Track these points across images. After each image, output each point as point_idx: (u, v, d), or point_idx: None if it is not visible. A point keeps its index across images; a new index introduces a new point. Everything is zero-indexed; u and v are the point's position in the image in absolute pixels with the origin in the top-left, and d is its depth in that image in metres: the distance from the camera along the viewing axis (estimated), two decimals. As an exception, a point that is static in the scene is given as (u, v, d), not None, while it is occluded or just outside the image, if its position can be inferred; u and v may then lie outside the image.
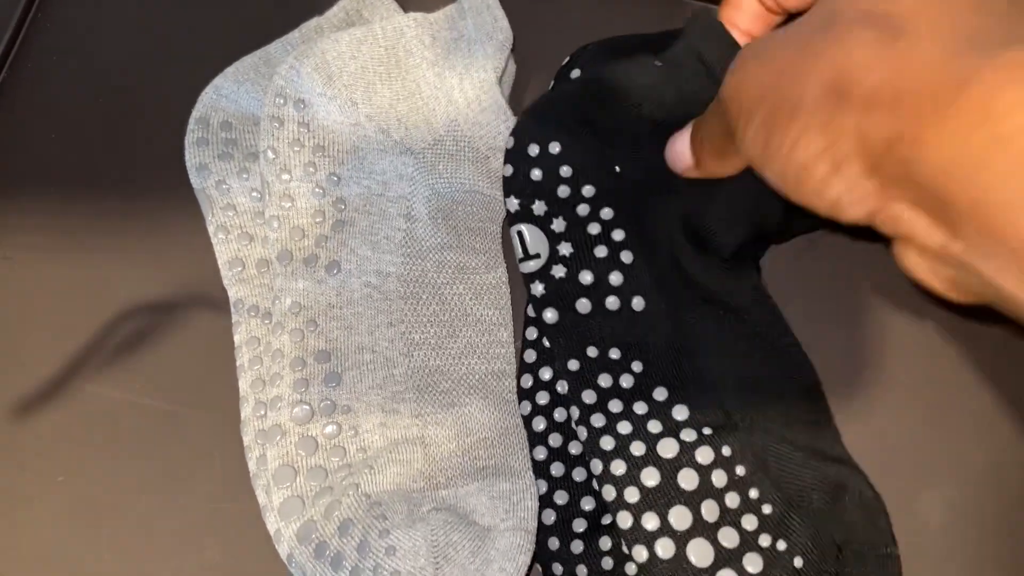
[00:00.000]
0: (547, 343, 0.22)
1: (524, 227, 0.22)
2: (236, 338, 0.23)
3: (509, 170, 0.22)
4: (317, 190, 0.23)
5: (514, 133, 0.23)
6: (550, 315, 0.21)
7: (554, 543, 0.20)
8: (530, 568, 0.19)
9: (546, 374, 0.22)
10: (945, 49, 0.13)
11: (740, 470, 0.19)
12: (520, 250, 0.22)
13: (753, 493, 0.19)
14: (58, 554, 0.22)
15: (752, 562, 0.18)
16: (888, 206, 0.15)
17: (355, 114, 0.24)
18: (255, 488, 0.20)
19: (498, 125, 0.23)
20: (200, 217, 0.24)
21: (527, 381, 0.22)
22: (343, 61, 0.24)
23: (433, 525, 0.18)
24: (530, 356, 0.22)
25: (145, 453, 0.23)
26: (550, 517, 0.20)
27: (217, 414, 0.23)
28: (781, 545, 0.19)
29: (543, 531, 0.20)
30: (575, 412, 0.20)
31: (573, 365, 0.21)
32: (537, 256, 0.22)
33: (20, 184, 0.27)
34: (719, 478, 0.19)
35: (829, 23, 0.15)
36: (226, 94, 0.25)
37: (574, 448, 0.21)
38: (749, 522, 0.19)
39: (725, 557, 0.18)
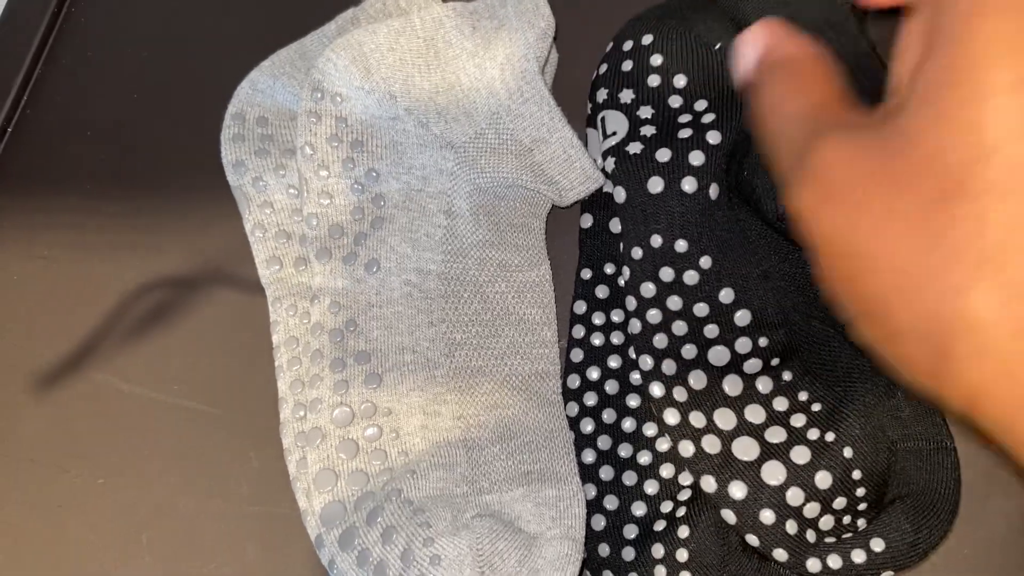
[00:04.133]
0: (617, 227, 0.20)
1: (607, 112, 0.21)
2: (274, 338, 0.21)
3: (603, 68, 0.22)
4: (356, 186, 0.22)
5: (614, 37, 0.22)
6: (620, 194, 0.20)
7: (604, 549, 0.18)
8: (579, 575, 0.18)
9: (593, 374, 0.20)
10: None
11: (787, 375, 0.18)
12: (600, 134, 0.21)
13: (802, 396, 0.18)
14: (99, 556, 0.21)
15: (800, 454, 0.17)
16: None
17: (394, 108, 0.22)
18: (295, 492, 0.19)
19: (541, 116, 0.21)
20: (237, 214, 0.23)
21: (574, 382, 0.20)
22: (381, 53, 0.22)
23: (478, 533, 0.17)
24: (577, 356, 0.21)
25: (184, 455, 0.22)
26: (600, 523, 0.19)
27: (254, 416, 0.21)
28: (830, 436, 0.17)
29: (593, 537, 0.18)
30: (631, 303, 0.19)
31: (636, 253, 0.20)
32: (614, 134, 0.20)
33: (56, 183, 0.26)
34: (764, 384, 0.18)
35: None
36: (262, 89, 0.24)
37: (624, 451, 0.19)
38: (797, 420, 0.18)
39: (771, 451, 0.17)
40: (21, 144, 0.26)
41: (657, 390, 0.19)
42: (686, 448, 0.18)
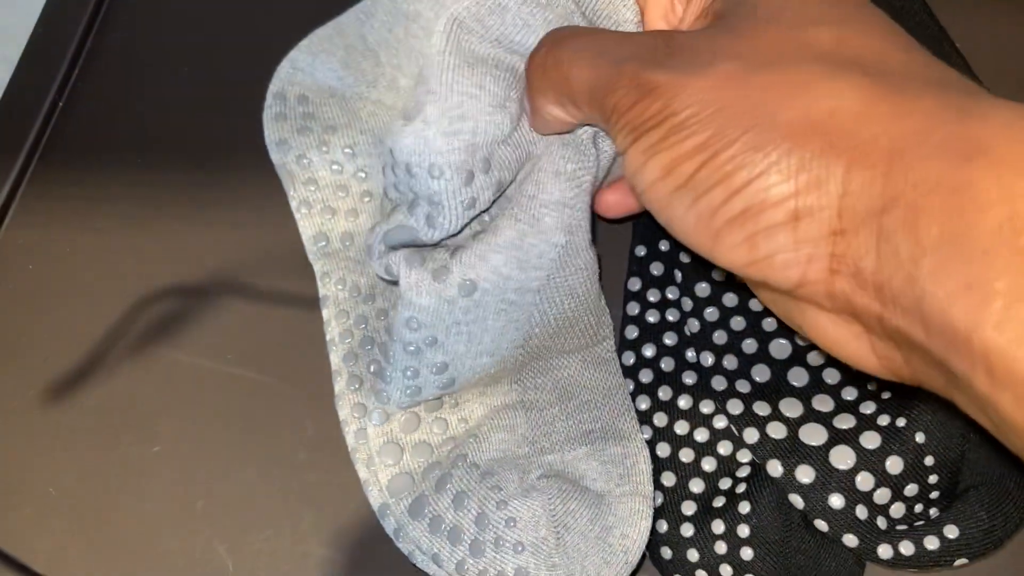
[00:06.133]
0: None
1: None
2: (324, 313, 0.21)
3: None
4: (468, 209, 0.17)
5: None
6: None
7: (662, 526, 0.18)
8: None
9: (648, 351, 0.19)
10: (942, 108, 0.10)
11: None
12: None
13: (871, 385, 0.17)
14: (155, 524, 0.21)
15: (870, 439, 0.16)
16: (832, 279, 0.11)
17: (523, 130, 0.17)
18: (355, 462, 0.19)
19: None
20: (283, 191, 0.23)
21: (629, 359, 0.20)
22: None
23: (549, 493, 0.17)
24: (632, 333, 0.20)
25: (239, 424, 0.21)
26: (657, 499, 0.18)
27: (309, 385, 0.21)
28: (901, 422, 0.17)
29: (651, 515, 0.18)
30: (687, 303, 0.19)
31: (685, 257, 0.19)
32: None
33: (108, 156, 0.25)
34: (831, 376, 0.17)
35: (800, 58, 0.12)
36: (302, 68, 0.24)
37: (680, 428, 0.18)
38: (867, 408, 0.17)
39: (840, 436, 0.17)
40: (73, 118, 0.26)
41: (719, 384, 0.18)
42: (751, 435, 0.17)
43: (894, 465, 0.16)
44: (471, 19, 0.17)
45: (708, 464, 0.18)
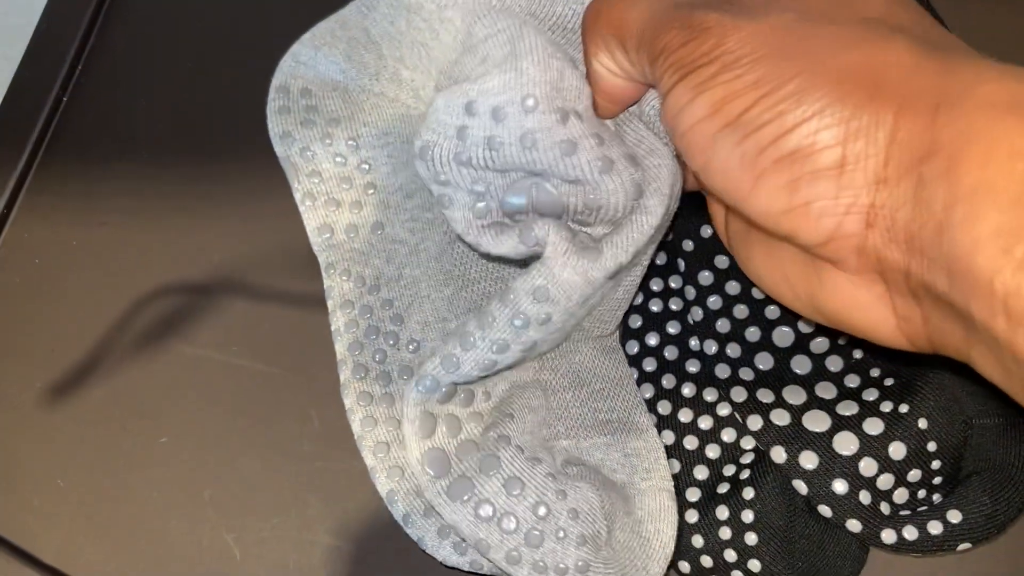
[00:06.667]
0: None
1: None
2: (330, 303, 0.21)
3: None
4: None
5: None
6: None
7: (667, 513, 0.18)
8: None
9: (652, 340, 0.19)
10: (984, 71, 0.11)
11: (858, 353, 0.18)
12: None
13: (875, 372, 0.17)
14: (162, 514, 0.21)
15: (873, 425, 0.16)
16: (868, 234, 0.11)
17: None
18: (361, 450, 0.19)
19: None
20: (287, 183, 0.23)
21: (633, 347, 0.20)
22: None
23: (595, 484, 0.16)
24: (635, 322, 0.20)
25: (245, 414, 0.21)
26: (661, 487, 0.18)
27: (314, 375, 0.21)
28: (904, 408, 0.17)
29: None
30: (690, 292, 0.19)
31: (688, 246, 0.19)
32: None
33: (113, 150, 0.25)
34: (834, 363, 0.18)
35: (852, 19, 0.12)
36: (304, 61, 0.24)
37: (684, 416, 0.18)
38: (870, 395, 0.17)
39: (843, 422, 0.16)
40: (77, 112, 0.26)
41: (722, 372, 0.18)
42: (754, 422, 0.17)
43: (897, 451, 0.16)
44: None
45: (712, 451, 0.18)
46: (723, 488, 0.18)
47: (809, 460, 0.17)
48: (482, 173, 0.16)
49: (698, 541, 0.17)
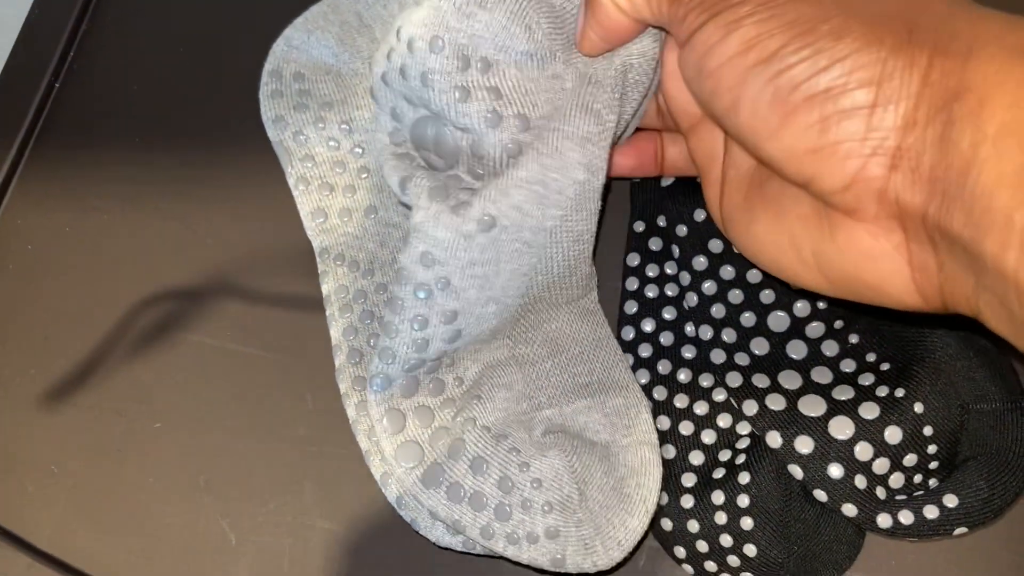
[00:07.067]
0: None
1: None
2: (324, 288, 0.21)
3: None
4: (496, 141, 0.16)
5: None
6: (665, 179, 0.19)
7: (663, 498, 0.17)
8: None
9: (648, 326, 0.19)
10: (1004, 16, 0.11)
11: (854, 338, 0.18)
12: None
13: (871, 357, 0.17)
14: (158, 499, 0.21)
15: (868, 410, 0.16)
16: (890, 176, 0.12)
17: (554, 65, 0.17)
18: (356, 434, 0.19)
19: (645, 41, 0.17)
20: (280, 168, 0.23)
21: (628, 333, 0.19)
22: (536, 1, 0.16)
23: (565, 449, 0.17)
24: (631, 308, 0.20)
25: (240, 399, 0.21)
26: (657, 472, 0.18)
27: (309, 359, 0.21)
28: (899, 392, 0.16)
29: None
30: (685, 278, 0.19)
31: (681, 231, 0.19)
32: None
33: (106, 136, 0.25)
34: (830, 348, 0.17)
35: None
36: (296, 45, 0.23)
37: (679, 401, 0.18)
38: (866, 379, 0.17)
39: (839, 407, 0.16)
40: (70, 98, 0.26)
41: (717, 357, 0.18)
42: (750, 407, 0.17)
43: (893, 435, 0.16)
44: None
45: (708, 436, 0.18)
46: (719, 473, 0.17)
47: (805, 445, 0.16)
48: (398, 101, 0.17)
49: (694, 526, 0.17)
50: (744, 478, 0.17)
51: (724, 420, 0.18)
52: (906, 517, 0.16)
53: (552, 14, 0.16)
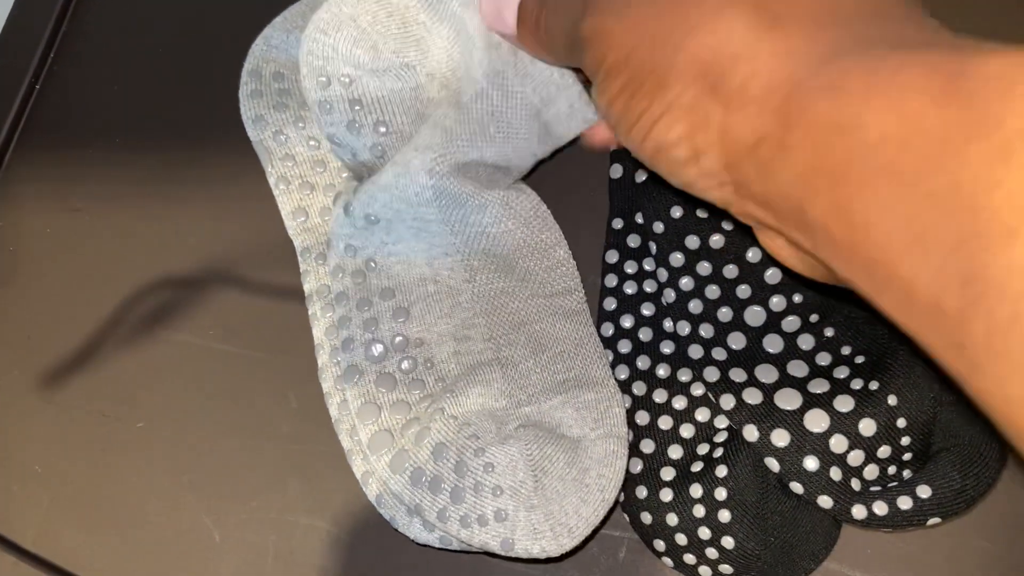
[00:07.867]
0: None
1: None
2: (306, 287, 0.21)
3: None
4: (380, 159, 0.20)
5: None
6: (640, 175, 0.20)
7: (642, 491, 0.17)
8: (611, 512, 0.17)
9: (627, 322, 0.19)
10: (820, 45, 0.11)
11: (829, 332, 0.18)
12: None
13: (845, 350, 0.17)
14: (141, 498, 0.21)
15: (843, 402, 0.16)
16: (742, 201, 0.13)
17: (414, 76, 0.20)
18: (338, 433, 0.18)
19: (551, 74, 0.19)
20: (261, 167, 0.23)
21: (608, 329, 0.19)
22: (381, 23, 0.19)
23: (526, 440, 0.17)
24: (610, 304, 0.19)
25: (222, 398, 0.21)
26: (637, 466, 0.18)
27: (291, 357, 0.21)
28: (874, 385, 0.16)
29: (630, 480, 0.18)
30: (662, 274, 0.19)
31: (658, 227, 0.19)
32: None
33: (86, 137, 0.25)
34: (806, 342, 0.18)
35: None
36: (276, 45, 0.23)
37: (658, 396, 0.18)
38: (840, 372, 0.17)
39: (814, 400, 0.17)
40: (50, 99, 0.26)
41: (695, 352, 0.18)
42: (727, 401, 0.17)
43: (867, 427, 0.16)
44: None
45: (686, 431, 0.18)
46: (697, 467, 0.17)
47: (781, 438, 0.16)
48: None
49: (672, 519, 0.17)
50: (722, 471, 0.17)
51: (702, 414, 0.18)
52: (880, 508, 0.16)
53: (402, 32, 0.19)
